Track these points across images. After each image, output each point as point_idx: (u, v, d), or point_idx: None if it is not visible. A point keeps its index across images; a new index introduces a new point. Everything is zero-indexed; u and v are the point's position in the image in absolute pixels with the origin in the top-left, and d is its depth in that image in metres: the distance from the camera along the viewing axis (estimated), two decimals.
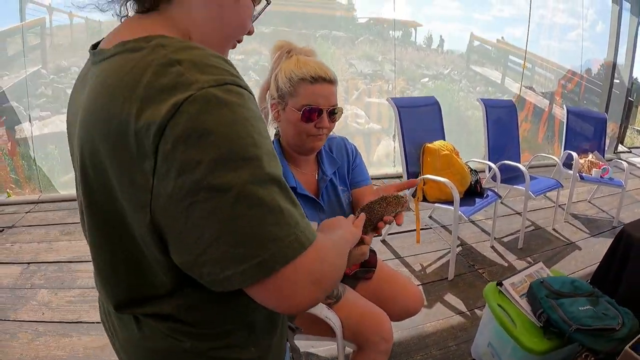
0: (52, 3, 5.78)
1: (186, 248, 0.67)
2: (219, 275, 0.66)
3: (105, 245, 0.81)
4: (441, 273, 3.18)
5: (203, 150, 0.61)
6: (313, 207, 1.63)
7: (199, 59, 0.67)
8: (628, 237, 2.39)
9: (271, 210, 0.65)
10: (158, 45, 0.68)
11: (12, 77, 5.50)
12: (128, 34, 0.74)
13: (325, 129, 1.51)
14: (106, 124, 0.66)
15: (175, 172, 0.62)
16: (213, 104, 0.62)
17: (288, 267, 0.65)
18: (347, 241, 1.03)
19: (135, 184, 0.66)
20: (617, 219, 4.46)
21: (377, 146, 6.87)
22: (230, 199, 0.62)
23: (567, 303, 1.98)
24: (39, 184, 5.23)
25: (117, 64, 0.70)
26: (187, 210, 0.63)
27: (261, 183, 0.64)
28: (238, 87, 0.67)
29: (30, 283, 2.96)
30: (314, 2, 7.76)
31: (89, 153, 0.72)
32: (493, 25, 8.60)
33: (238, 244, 0.63)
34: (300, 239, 0.67)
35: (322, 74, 1.48)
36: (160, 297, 0.80)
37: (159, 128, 0.61)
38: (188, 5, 0.81)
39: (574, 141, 4.93)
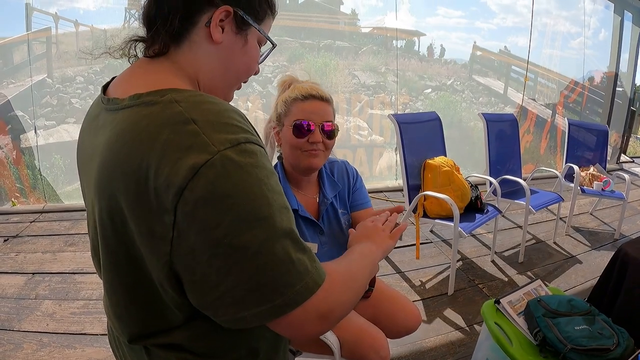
0: (58, 12, 5.84)
1: (204, 292, 0.73)
2: (235, 316, 0.73)
3: (121, 286, 0.85)
4: (441, 288, 3.18)
5: (222, 212, 0.67)
6: (313, 229, 1.67)
7: (214, 117, 0.73)
8: (625, 256, 2.40)
9: (284, 262, 0.72)
10: (172, 101, 0.73)
11: (17, 85, 5.54)
12: (142, 84, 0.80)
13: (318, 144, 1.56)
14: (125, 177, 0.71)
15: (195, 229, 0.68)
16: (230, 169, 0.68)
17: (298, 309, 0.73)
18: (376, 257, 1.09)
19: (155, 234, 0.72)
20: (619, 231, 4.46)
21: (379, 159, 6.88)
22: (247, 255, 0.69)
23: (563, 322, 1.99)
24: (43, 193, 5.27)
25: (134, 118, 0.74)
26: (207, 262, 0.70)
27: (275, 239, 0.72)
28: (252, 145, 0.73)
29: (35, 293, 2.97)
30: (318, 16, 7.78)
31: (107, 203, 0.76)
32: (496, 34, 8.61)
33: (253, 291, 0.71)
34: (309, 285, 0.74)
35: (314, 92, 1.56)
36: (171, 329, 0.85)
37: (178, 189, 0.67)
38: (196, 51, 0.87)
39: (575, 154, 4.95)
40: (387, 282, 3.15)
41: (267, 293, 0.72)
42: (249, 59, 0.94)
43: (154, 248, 0.73)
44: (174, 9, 0.84)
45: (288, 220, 0.75)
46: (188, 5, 0.84)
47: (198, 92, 0.80)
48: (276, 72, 7.34)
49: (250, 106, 6.64)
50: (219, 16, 0.85)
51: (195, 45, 0.87)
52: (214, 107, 0.75)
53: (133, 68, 0.89)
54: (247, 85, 5.12)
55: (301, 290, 0.73)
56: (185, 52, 0.87)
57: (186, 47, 0.87)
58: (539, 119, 8.01)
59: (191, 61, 0.87)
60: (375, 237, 1.17)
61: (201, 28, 0.86)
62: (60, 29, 5.95)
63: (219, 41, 0.86)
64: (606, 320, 2.07)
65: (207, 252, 0.69)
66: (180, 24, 0.84)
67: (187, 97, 0.75)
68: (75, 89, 5.98)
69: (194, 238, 0.69)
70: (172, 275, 0.75)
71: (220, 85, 0.93)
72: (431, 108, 7.27)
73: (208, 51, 0.87)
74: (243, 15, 0.88)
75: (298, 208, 1.61)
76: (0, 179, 5.18)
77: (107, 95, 0.85)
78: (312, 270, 0.76)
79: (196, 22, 0.85)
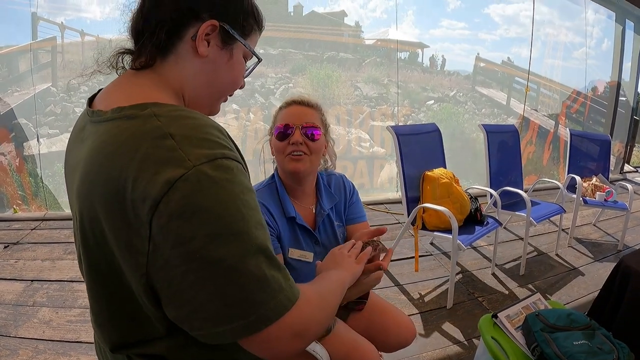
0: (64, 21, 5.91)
1: (179, 306, 0.74)
2: (210, 331, 0.73)
3: (103, 296, 0.87)
4: (440, 301, 3.15)
5: (196, 226, 0.68)
6: (310, 238, 1.68)
7: (191, 132, 0.74)
8: (626, 268, 2.37)
9: (257, 278, 0.72)
10: (151, 115, 0.75)
11: (22, 93, 5.62)
12: (125, 97, 0.81)
13: (299, 144, 1.58)
14: (104, 188, 0.73)
15: (170, 243, 0.69)
16: (205, 183, 0.69)
17: (272, 326, 0.74)
18: (345, 281, 1.11)
19: (132, 247, 0.72)
20: (622, 242, 4.42)
21: (380, 170, 6.89)
22: (221, 270, 0.70)
23: (562, 337, 1.96)
24: (45, 201, 5.32)
25: (115, 131, 0.76)
26: (182, 275, 0.70)
27: (249, 255, 0.72)
28: (228, 160, 0.74)
29: (33, 300, 2.99)
30: (322, 28, 7.84)
31: (88, 213, 0.78)
32: (499, 45, 8.67)
33: (226, 306, 0.71)
34: (282, 302, 0.75)
35: (296, 98, 1.64)
36: (153, 339, 0.85)
37: (153, 202, 0.68)
38: (182, 64, 0.88)
39: (578, 164, 4.92)
40: (385, 295, 3.15)
41: (241, 309, 0.72)
42: (234, 73, 0.95)
43: (131, 260, 0.74)
44: (160, 22, 0.85)
45: (263, 237, 0.76)
46: (175, 19, 0.85)
47: (179, 107, 0.81)
48: (279, 84, 7.39)
49: (252, 117, 6.68)
50: (205, 30, 0.86)
51: (181, 59, 0.88)
52: (192, 122, 0.76)
53: (119, 80, 0.90)
54: (250, 96, 5.18)
55: (274, 307, 0.74)
56: (171, 65, 0.88)
57: (172, 60, 0.88)
58: (541, 129, 8.00)
59: (177, 74, 0.89)
60: (342, 263, 1.20)
61: (187, 42, 0.87)
62: (66, 39, 6.04)
63: (205, 55, 0.88)
64: (606, 335, 2.04)
65: (181, 266, 0.70)
66: (167, 37, 0.86)
67: (167, 112, 0.76)
68: (79, 99, 6.06)
69: (169, 252, 0.70)
70: (149, 288, 0.76)
71: (205, 98, 0.94)
72: (433, 119, 7.29)
73: (193, 64, 0.89)
74: (229, 30, 0.89)
75: (295, 216, 1.63)
76: (3, 186, 5.23)
77: (93, 108, 0.87)
78: (286, 288, 0.76)
79: (182, 36, 0.87)
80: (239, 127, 6.43)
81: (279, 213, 1.62)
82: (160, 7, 0.86)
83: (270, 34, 6.84)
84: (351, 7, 8.09)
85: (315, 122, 1.61)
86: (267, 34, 6.83)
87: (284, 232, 1.62)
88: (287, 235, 1.63)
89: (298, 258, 1.64)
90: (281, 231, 1.61)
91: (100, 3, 6.54)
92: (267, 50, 7.17)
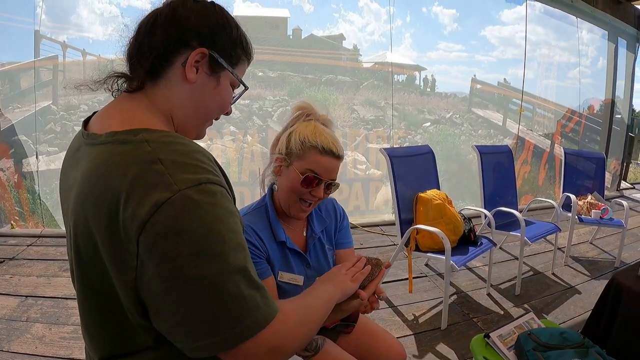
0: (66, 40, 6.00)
1: (162, 319, 0.79)
2: (190, 344, 0.79)
3: (93, 308, 0.91)
4: (434, 322, 3.13)
5: (180, 245, 0.74)
6: (300, 261, 1.67)
7: (179, 157, 0.80)
8: (618, 285, 2.38)
9: (235, 296, 0.78)
10: (143, 141, 0.81)
11: (23, 110, 5.69)
12: (118, 121, 0.87)
13: (317, 198, 1.57)
14: (98, 207, 0.78)
15: (155, 260, 0.75)
16: (189, 207, 0.75)
17: (248, 342, 0.79)
18: (332, 297, 1.13)
19: (123, 262, 0.78)
20: (619, 259, 4.42)
21: (376, 193, 6.90)
22: (202, 287, 0.75)
23: (554, 356, 1.96)
24: (42, 218, 5.36)
25: (108, 154, 0.82)
26: (165, 291, 0.76)
27: (228, 274, 0.78)
28: (212, 185, 0.80)
29: (26, 316, 2.99)
30: (320, 52, 7.92)
31: (82, 230, 0.83)
32: (496, 66, 8.75)
33: (207, 322, 0.77)
34: (259, 319, 0.80)
35: (333, 148, 1.54)
36: (140, 351, 0.89)
37: (141, 222, 0.73)
38: (171, 88, 0.94)
39: (573, 182, 4.96)
40: (379, 316, 3.13)
41: (219, 325, 0.77)
42: (220, 99, 1.00)
43: (122, 275, 0.79)
44: (152, 49, 0.91)
45: (243, 258, 0.81)
46: (166, 46, 0.91)
47: (169, 133, 0.87)
48: (276, 107, 7.44)
49: (249, 139, 6.71)
50: (195, 57, 0.92)
51: (170, 84, 0.94)
52: (180, 148, 0.82)
53: (113, 104, 0.96)
54: (247, 118, 5.22)
55: (251, 325, 0.78)
56: (162, 89, 0.94)
57: (162, 85, 0.94)
58: (537, 149, 8.03)
59: (166, 98, 0.94)
60: (335, 279, 1.21)
61: (177, 67, 0.93)
62: (68, 57, 6.12)
63: (193, 81, 0.93)
64: (600, 353, 2.04)
65: (164, 283, 0.75)
66: (158, 62, 0.92)
67: (157, 138, 0.82)
68: (79, 117, 6.11)
69: (153, 269, 0.75)
70: (137, 301, 0.81)
71: (192, 122, 1.00)
72: (430, 141, 7.32)
73: (182, 90, 0.94)
74: (217, 58, 0.95)
75: (286, 240, 1.62)
76: (1, 201, 5.25)
77: (88, 130, 0.92)
78: (263, 307, 0.81)
79: (172, 62, 0.92)
80: (236, 149, 6.46)
81: (269, 237, 1.60)
82: (153, 35, 0.92)
83: (269, 57, 6.93)
84: (350, 31, 8.21)
85: (336, 177, 1.60)
86: (266, 57, 6.91)
87: (274, 256, 1.60)
88: (278, 258, 1.61)
89: (288, 281, 1.63)
90: (271, 254, 1.59)
91: (103, 23, 6.65)
92: (266, 72, 7.25)
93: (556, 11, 7.70)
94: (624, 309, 2.32)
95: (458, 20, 8.83)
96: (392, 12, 6.73)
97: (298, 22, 8.35)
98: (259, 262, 1.53)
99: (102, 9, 7.19)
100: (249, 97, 6.04)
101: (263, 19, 7.60)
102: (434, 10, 8.74)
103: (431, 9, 8.69)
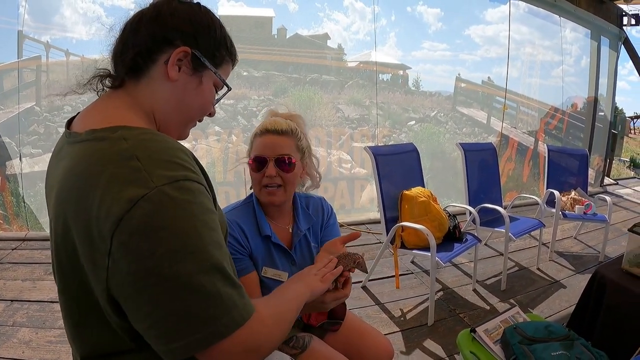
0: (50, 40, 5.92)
1: (139, 318, 0.77)
2: (166, 346, 0.77)
3: (73, 309, 0.90)
4: (421, 319, 3.14)
5: (155, 243, 0.73)
6: (285, 258, 1.68)
7: (156, 154, 0.79)
8: (601, 279, 2.41)
9: (211, 294, 0.76)
10: (120, 138, 0.80)
11: (5, 112, 5.59)
12: (99, 119, 0.87)
13: (273, 177, 1.58)
14: (75, 206, 0.78)
15: (130, 258, 0.73)
16: (165, 204, 0.74)
17: (224, 341, 0.77)
18: (301, 296, 1.11)
19: (95, 261, 0.76)
20: (603, 253, 4.49)
21: (361, 191, 6.91)
22: (177, 286, 0.74)
23: (540, 349, 1.97)
24: (26, 221, 5.26)
25: (86, 152, 0.81)
26: (140, 290, 0.74)
27: (204, 272, 0.76)
28: (190, 182, 0.79)
29: (12, 320, 2.95)
30: (305, 51, 7.91)
31: (61, 229, 0.82)
32: (480, 65, 8.82)
33: (182, 321, 0.75)
34: (235, 318, 0.79)
35: (269, 126, 1.61)
36: (122, 352, 0.88)
37: (116, 219, 0.72)
38: (153, 86, 0.94)
39: (557, 179, 5.02)
40: (366, 314, 3.14)
41: (194, 324, 0.75)
42: (202, 99, 1.00)
43: (95, 275, 0.78)
44: (135, 46, 0.91)
45: (219, 256, 0.80)
46: (149, 44, 0.92)
47: (148, 130, 0.87)
48: (261, 106, 7.43)
49: (234, 139, 6.69)
50: (177, 56, 0.92)
51: (152, 81, 0.93)
52: (159, 145, 0.82)
53: (95, 103, 0.96)
54: (232, 118, 5.18)
55: (227, 323, 0.77)
56: (143, 87, 0.94)
57: (144, 82, 0.94)
58: (521, 146, 8.11)
59: (148, 96, 0.94)
60: (306, 279, 1.21)
61: (160, 66, 0.92)
62: (51, 58, 6.05)
63: (175, 79, 0.93)
64: (585, 345, 2.06)
65: (139, 282, 0.74)
66: (141, 59, 0.92)
67: (136, 135, 0.82)
68: (63, 118, 6.01)
69: (127, 267, 0.73)
70: (111, 301, 0.79)
71: (174, 122, 0.99)
72: (414, 140, 7.36)
73: (163, 88, 0.94)
74: (200, 57, 0.95)
75: (271, 235, 1.63)
76: None
77: (71, 129, 0.92)
78: (240, 305, 0.80)
79: (155, 60, 0.93)
80: (220, 148, 6.44)
81: (254, 232, 1.62)
82: (138, 33, 0.93)
83: (254, 56, 6.91)
84: (334, 30, 8.25)
85: (289, 152, 1.61)
86: (251, 57, 6.90)
87: (258, 251, 1.61)
88: (262, 254, 1.62)
89: (272, 277, 1.63)
90: (255, 250, 1.60)
91: (86, 23, 6.59)
92: (251, 72, 7.24)
93: (540, 10, 7.78)
94: (607, 301, 2.35)
95: (442, 19, 8.90)
96: (377, 11, 6.76)
97: (283, 22, 8.36)
98: (241, 258, 1.55)
99: (86, 8, 7.13)
100: (234, 96, 6.02)
101: (248, 19, 7.59)
102: (418, 10, 8.81)
103: (416, 8, 8.76)
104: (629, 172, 13.41)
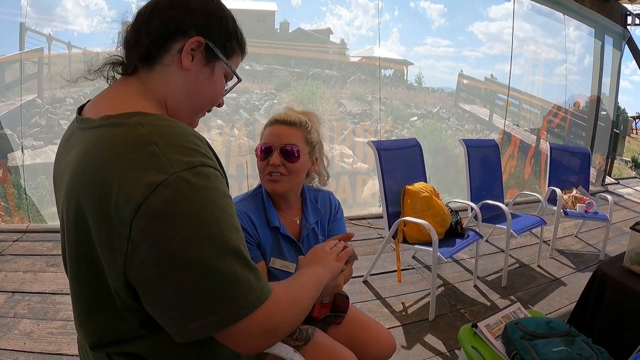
0: (52, 33, 5.91)
1: (156, 301, 0.79)
2: (183, 327, 0.78)
3: (84, 295, 0.91)
4: (422, 314, 3.15)
5: (174, 228, 0.74)
6: (293, 249, 1.70)
7: (173, 140, 0.80)
8: (603, 276, 2.41)
9: (229, 277, 0.78)
10: (137, 124, 0.81)
11: (7, 104, 5.58)
12: (112, 105, 0.87)
13: (278, 166, 1.60)
14: (90, 191, 0.78)
15: (149, 243, 0.74)
16: (184, 189, 0.75)
17: (241, 322, 0.79)
18: (322, 279, 1.14)
19: (112, 246, 0.77)
20: (604, 252, 4.49)
21: (363, 186, 6.91)
22: (196, 270, 0.76)
23: (541, 344, 1.98)
24: (28, 213, 5.26)
25: (102, 137, 0.82)
26: (159, 274, 0.75)
27: (222, 256, 0.78)
28: (207, 168, 0.80)
29: (14, 312, 2.95)
30: (308, 46, 7.89)
31: (74, 214, 0.83)
32: (483, 62, 8.82)
33: (200, 303, 0.77)
34: (251, 300, 0.80)
35: (279, 117, 1.65)
36: (131, 339, 0.89)
37: (135, 205, 0.73)
38: (166, 75, 0.95)
39: (558, 177, 5.01)
40: (367, 308, 3.15)
41: (212, 305, 0.77)
42: (213, 89, 1.02)
43: (111, 259, 0.79)
44: (149, 34, 0.92)
45: (236, 240, 0.81)
46: (163, 33, 0.93)
47: (163, 117, 0.88)
48: (264, 100, 7.41)
49: (236, 133, 6.69)
50: (191, 45, 0.93)
51: (165, 69, 0.94)
52: (175, 131, 0.83)
53: (107, 90, 0.97)
54: (234, 112, 5.17)
55: (244, 305, 0.79)
56: (157, 75, 0.95)
57: (157, 70, 0.95)
58: (523, 144, 8.09)
59: (161, 84, 0.95)
60: (322, 260, 1.23)
61: (173, 54, 0.94)
62: (53, 50, 6.03)
63: (188, 68, 0.95)
64: (586, 341, 2.06)
65: (158, 266, 0.75)
66: (154, 48, 0.93)
67: (152, 121, 0.83)
68: (65, 111, 6.02)
69: (147, 251, 0.74)
70: (127, 285, 0.80)
71: (185, 110, 1.00)
72: (417, 135, 7.33)
73: (177, 76, 0.95)
74: (213, 48, 0.96)
75: (280, 226, 1.65)
76: None
77: (82, 116, 0.93)
78: (257, 287, 0.82)
79: (169, 49, 0.94)
80: (222, 142, 6.44)
81: (262, 222, 1.64)
82: (151, 22, 0.93)
83: (257, 50, 6.89)
84: (337, 25, 8.22)
85: (295, 142, 1.62)
86: (253, 51, 6.86)
87: (267, 242, 1.63)
88: (270, 244, 1.64)
89: (279, 268, 1.64)
90: (263, 240, 1.62)
91: (88, 16, 6.57)
92: (253, 66, 7.23)
93: (544, 8, 7.75)
94: (608, 298, 2.35)
95: (446, 15, 8.89)
96: (381, 6, 6.73)
97: (285, 16, 8.33)
98: (249, 247, 1.55)
99: (88, 1, 7.10)
100: (236, 90, 5.98)
101: (250, 12, 7.57)
102: (422, 5, 8.80)
103: (419, 4, 8.74)
104: (630, 172, 13.40)
